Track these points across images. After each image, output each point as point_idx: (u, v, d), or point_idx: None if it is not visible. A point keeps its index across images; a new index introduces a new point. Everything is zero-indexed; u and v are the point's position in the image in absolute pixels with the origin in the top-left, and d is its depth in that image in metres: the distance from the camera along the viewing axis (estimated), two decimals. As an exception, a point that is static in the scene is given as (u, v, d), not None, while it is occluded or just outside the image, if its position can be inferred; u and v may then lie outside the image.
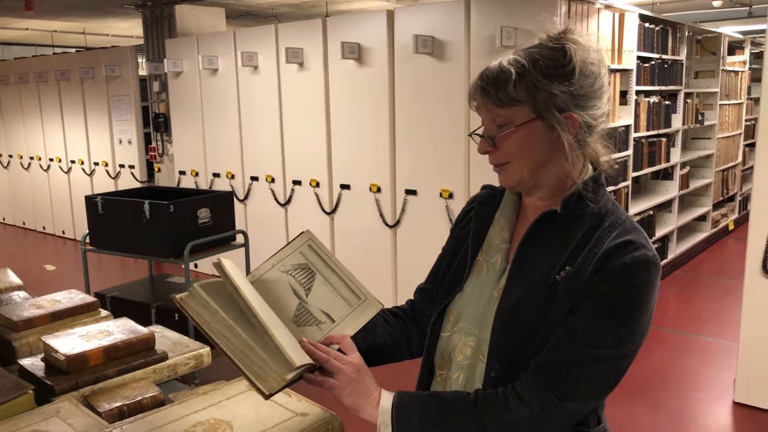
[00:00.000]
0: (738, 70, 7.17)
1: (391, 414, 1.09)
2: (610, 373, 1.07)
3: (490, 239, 1.23)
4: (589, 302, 1.06)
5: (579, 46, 1.09)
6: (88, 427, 1.32)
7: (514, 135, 1.10)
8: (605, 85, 1.13)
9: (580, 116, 1.10)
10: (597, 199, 1.12)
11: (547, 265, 1.10)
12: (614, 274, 1.05)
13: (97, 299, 1.95)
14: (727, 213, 7.38)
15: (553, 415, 1.05)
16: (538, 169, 1.13)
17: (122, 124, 7.06)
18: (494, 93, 1.09)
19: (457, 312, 1.21)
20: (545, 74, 1.08)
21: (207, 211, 3.74)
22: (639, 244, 1.07)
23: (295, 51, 5.00)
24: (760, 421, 3.35)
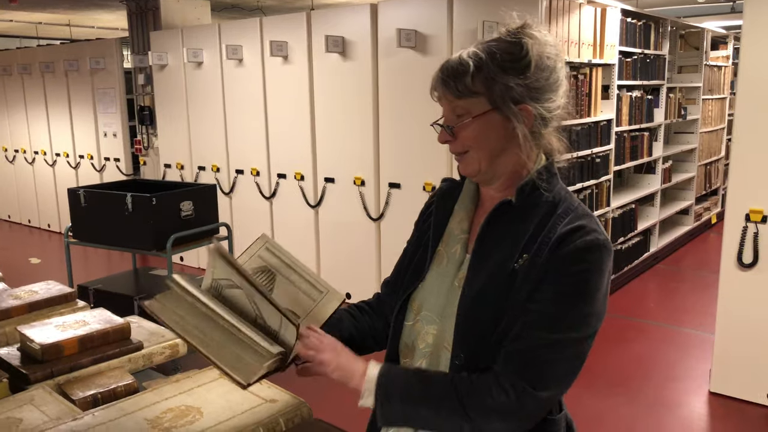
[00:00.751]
0: (721, 65, 7.23)
1: (376, 383, 1.12)
2: (573, 356, 1.10)
3: (450, 230, 1.26)
4: (546, 287, 1.09)
5: (535, 40, 1.12)
6: (61, 414, 1.34)
7: (472, 125, 1.14)
8: (561, 78, 1.16)
9: (535, 108, 1.13)
10: (550, 188, 1.16)
11: (505, 254, 1.14)
12: (567, 258, 1.09)
13: (74, 290, 1.97)
14: (710, 207, 7.46)
15: (527, 403, 1.08)
16: (494, 159, 1.16)
17: (107, 117, 7.03)
18: (453, 84, 1.13)
19: (419, 301, 1.25)
20: (502, 67, 1.11)
21: (190, 204, 3.75)
22: (590, 228, 1.11)
23: (279, 44, 5.01)
24: (734, 410, 3.42)
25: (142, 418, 1.29)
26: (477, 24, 3.94)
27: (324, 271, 5.20)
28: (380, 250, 4.83)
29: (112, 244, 3.76)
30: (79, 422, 1.27)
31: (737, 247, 3.38)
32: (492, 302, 1.13)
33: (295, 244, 5.35)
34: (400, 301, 1.28)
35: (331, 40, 4.63)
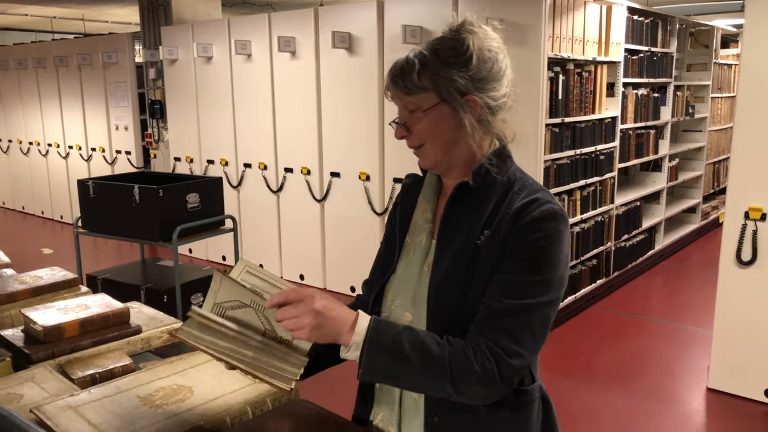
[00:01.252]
0: (731, 63, 7.21)
1: (365, 336, 1.14)
2: (539, 320, 1.16)
3: (415, 221, 1.33)
4: (509, 258, 1.16)
5: (476, 36, 1.20)
6: (60, 391, 1.41)
7: (423, 119, 1.22)
8: (503, 69, 1.23)
9: (480, 98, 1.20)
10: (504, 170, 1.24)
11: (467, 233, 1.21)
12: (525, 228, 1.16)
13: (77, 276, 2.04)
14: (718, 205, 7.44)
15: (503, 369, 1.13)
16: (448, 149, 1.24)
17: (119, 111, 7.13)
18: (402, 83, 1.21)
19: (393, 292, 1.30)
20: (445, 62, 1.19)
21: (196, 196, 3.82)
22: (544, 200, 1.19)
23: (287, 40, 5.07)
24: (731, 406, 3.44)
25: (135, 395, 1.36)
26: (481, 21, 3.96)
27: (329, 264, 5.26)
28: (384, 244, 4.87)
29: (119, 234, 3.84)
30: (75, 398, 1.34)
31: (736, 244, 3.40)
32: (459, 280, 1.19)
33: (301, 238, 5.42)
34: (374, 294, 1.34)
35: (337, 36, 4.69)
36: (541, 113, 3.97)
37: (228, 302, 1.20)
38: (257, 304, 1.20)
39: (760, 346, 3.39)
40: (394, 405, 1.29)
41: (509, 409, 1.21)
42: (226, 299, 1.20)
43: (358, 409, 1.37)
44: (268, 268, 5.31)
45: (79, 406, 1.30)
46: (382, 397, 1.32)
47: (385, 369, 1.15)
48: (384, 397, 1.32)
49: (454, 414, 1.21)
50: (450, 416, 1.21)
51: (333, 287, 5.28)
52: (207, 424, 1.26)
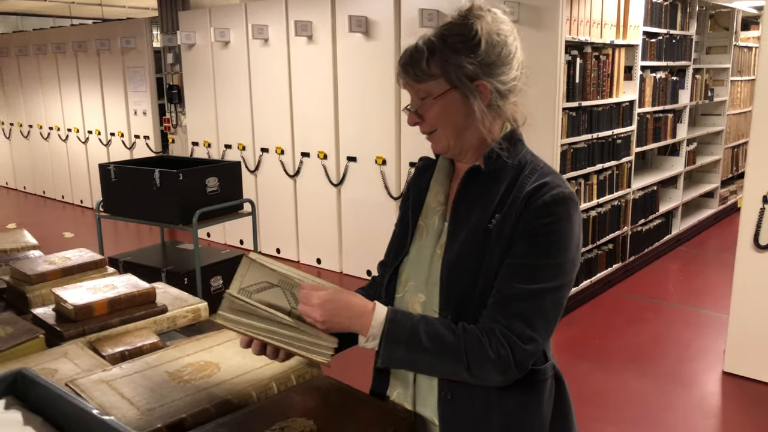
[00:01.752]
0: (752, 45, 7.11)
1: (383, 328, 1.18)
2: (552, 304, 1.18)
3: (428, 204, 1.35)
4: (520, 242, 1.18)
5: (483, 20, 1.20)
6: (92, 366, 1.47)
7: (434, 106, 1.23)
8: (513, 52, 1.24)
9: (490, 83, 1.21)
10: (515, 154, 1.25)
11: (479, 216, 1.23)
12: (536, 212, 1.17)
13: (104, 257, 2.09)
14: (737, 190, 7.38)
15: (517, 354, 1.16)
16: (460, 135, 1.26)
17: (137, 96, 7.20)
18: (412, 71, 1.23)
19: (407, 273, 1.33)
20: (454, 49, 1.20)
21: (215, 180, 3.87)
22: (555, 184, 1.19)
23: (304, 24, 5.08)
24: (746, 389, 3.45)
25: (164, 371, 1.41)
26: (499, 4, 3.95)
27: (345, 248, 5.31)
28: (400, 228, 4.91)
29: (140, 217, 3.91)
30: (107, 373, 1.39)
31: (754, 228, 3.40)
32: (471, 263, 1.21)
33: (317, 222, 5.47)
34: (388, 276, 1.37)
35: (354, 20, 4.69)
36: (558, 97, 3.97)
37: (254, 285, 1.24)
38: (285, 283, 1.23)
39: (777, 330, 3.39)
40: (408, 383, 1.33)
41: (522, 387, 1.23)
42: (252, 282, 1.23)
43: (375, 385, 1.42)
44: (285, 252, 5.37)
45: (111, 381, 1.35)
46: (398, 376, 1.35)
47: (402, 358, 1.19)
48: (400, 377, 1.35)
49: (467, 391, 1.24)
50: (462, 393, 1.24)
51: (349, 271, 5.34)
52: (234, 398, 1.30)
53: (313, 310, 1.18)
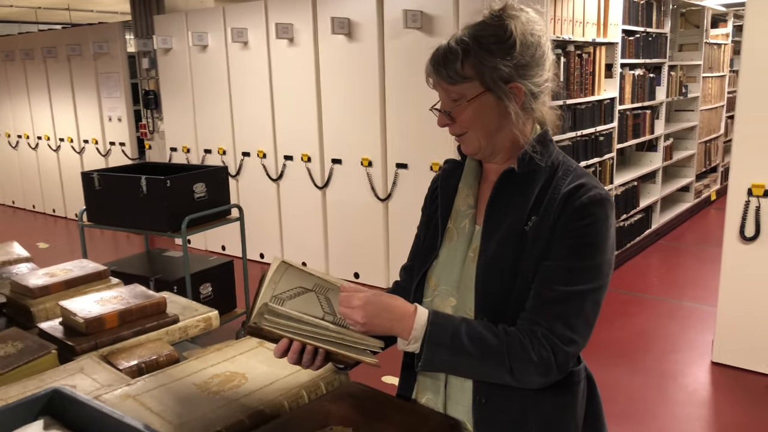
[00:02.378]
0: (721, 42, 7.27)
1: (425, 330, 1.17)
2: (591, 305, 1.18)
3: (457, 207, 1.33)
4: (558, 244, 1.18)
5: (518, 20, 1.19)
6: (111, 381, 1.43)
7: (468, 108, 1.22)
8: (546, 53, 1.23)
9: (524, 85, 1.20)
10: (547, 155, 1.25)
11: (514, 218, 1.22)
12: (574, 214, 1.17)
13: (107, 268, 2.04)
14: (710, 183, 7.55)
15: (559, 357, 1.15)
16: (492, 137, 1.24)
17: (111, 102, 7.06)
18: (445, 72, 1.21)
19: (436, 277, 1.32)
20: (489, 50, 1.18)
21: (203, 185, 3.82)
22: (591, 185, 1.19)
23: (285, 26, 5.04)
24: (736, 378, 3.52)
25: (191, 383, 1.37)
26: (484, 4, 3.97)
27: (332, 251, 5.28)
28: (388, 231, 4.90)
29: (126, 226, 3.83)
30: (132, 387, 1.35)
31: (740, 221, 3.47)
32: (507, 265, 1.20)
33: (302, 225, 5.43)
34: (417, 280, 1.35)
35: (337, 21, 4.67)
36: (544, 96, 4.00)
37: (288, 291, 1.21)
38: (320, 287, 1.21)
39: (764, 320, 3.47)
40: (439, 389, 1.31)
41: (558, 389, 1.23)
42: (286, 288, 1.21)
43: (402, 389, 1.40)
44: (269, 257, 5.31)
45: (138, 395, 1.32)
46: (427, 381, 1.34)
47: (444, 362, 1.18)
48: (429, 382, 1.33)
49: (501, 395, 1.23)
50: (497, 397, 1.23)
51: (336, 274, 5.31)
52: (266, 408, 1.28)
53: (354, 312, 1.16)
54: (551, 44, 1.25)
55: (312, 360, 1.22)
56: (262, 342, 1.56)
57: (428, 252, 1.35)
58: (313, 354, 1.21)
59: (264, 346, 1.55)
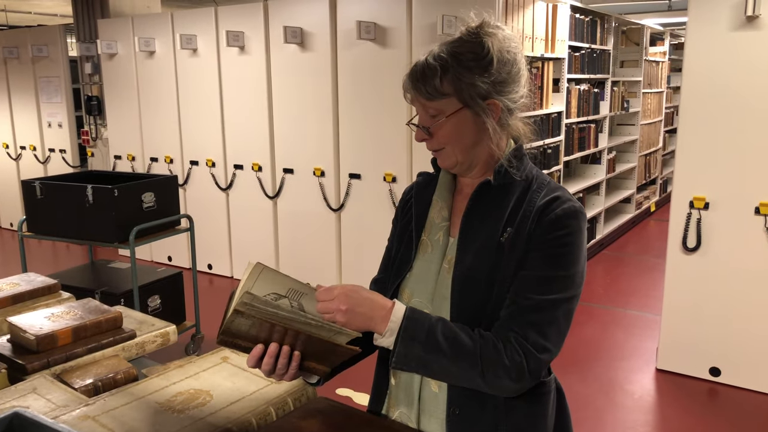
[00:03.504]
0: (659, 60, 7.58)
1: (401, 324, 1.17)
2: (564, 314, 1.20)
3: (431, 219, 1.34)
4: (533, 254, 1.20)
5: (494, 38, 1.21)
6: (68, 402, 1.36)
7: (446, 124, 1.23)
8: (522, 69, 1.26)
9: (501, 101, 1.23)
10: (522, 169, 1.27)
11: (490, 229, 1.24)
12: (550, 225, 1.20)
13: (57, 281, 1.96)
14: (649, 195, 7.83)
15: (531, 364, 1.17)
16: (469, 151, 1.26)
17: (51, 107, 6.81)
18: (423, 88, 1.22)
19: (410, 290, 1.32)
20: (467, 67, 1.20)
21: (151, 195, 3.72)
22: (566, 198, 1.23)
23: (236, 34, 4.98)
24: (679, 385, 3.65)
25: (153, 401, 1.33)
26: (436, 18, 4.03)
27: (283, 262, 5.22)
28: (340, 241, 4.88)
29: (71, 236, 3.68)
30: (91, 407, 1.30)
31: (682, 232, 3.60)
32: (483, 276, 1.22)
33: (252, 236, 5.35)
34: (390, 292, 1.34)
35: (289, 30, 4.64)
36: (495, 109, 4.07)
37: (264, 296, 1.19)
38: (294, 292, 1.19)
39: (705, 327, 3.61)
40: (413, 402, 1.31)
41: (528, 399, 1.25)
42: (260, 293, 1.18)
43: (372, 405, 1.39)
44: (217, 268, 5.22)
45: (97, 416, 1.26)
46: (400, 395, 1.33)
47: (418, 358, 1.17)
48: (402, 395, 1.33)
49: (475, 406, 1.24)
50: (470, 408, 1.24)
51: (287, 284, 5.24)
52: (234, 427, 1.25)
53: (334, 303, 1.15)
54: (526, 61, 1.27)
55: (287, 366, 1.19)
56: (226, 358, 1.52)
57: (402, 265, 1.35)
58: (288, 357, 1.18)
59: (228, 362, 1.51)
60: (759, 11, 3.21)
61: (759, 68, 3.28)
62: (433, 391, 1.28)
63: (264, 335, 1.16)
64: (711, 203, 3.50)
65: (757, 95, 3.30)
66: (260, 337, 1.17)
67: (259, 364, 1.18)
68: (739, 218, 3.43)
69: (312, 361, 1.20)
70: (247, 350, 1.18)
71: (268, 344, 1.18)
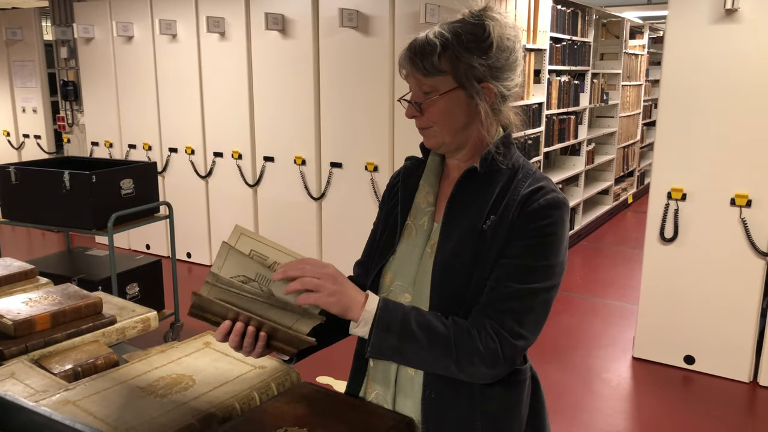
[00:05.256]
0: (638, 53, 7.65)
1: (375, 314, 1.17)
2: (543, 304, 1.21)
3: (417, 204, 1.34)
4: (515, 243, 1.20)
5: (497, 22, 1.22)
6: (47, 387, 1.34)
7: (438, 102, 1.23)
8: (519, 58, 1.26)
9: (495, 87, 1.23)
10: (509, 157, 1.27)
11: (474, 216, 1.24)
12: (532, 214, 1.20)
13: (35, 267, 1.93)
14: (627, 187, 7.92)
15: (506, 350, 1.17)
16: (457, 133, 1.26)
17: (26, 92, 6.68)
18: (421, 63, 1.21)
19: (392, 273, 1.32)
20: (466, 47, 1.19)
21: (130, 182, 3.67)
22: (550, 188, 1.23)
23: (216, 20, 4.92)
24: (655, 372, 3.71)
25: (135, 386, 1.31)
26: (419, 6, 4.02)
27: (263, 250, 5.18)
28: (321, 229, 4.87)
29: (47, 223, 3.63)
30: (72, 392, 1.28)
31: (660, 223, 3.65)
32: (464, 263, 1.22)
33: (232, 224, 5.27)
34: (373, 275, 1.35)
35: (270, 17, 4.60)
36: (477, 99, 4.07)
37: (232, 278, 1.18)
38: (262, 278, 1.18)
39: (681, 317, 3.67)
40: (389, 383, 1.32)
41: (503, 386, 1.26)
42: (229, 275, 1.18)
43: (350, 387, 1.40)
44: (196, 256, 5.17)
45: (78, 401, 1.25)
46: (378, 375, 1.34)
47: (392, 347, 1.18)
48: (379, 376, 1.34)
49: (451, 390, 1.25)
50: (446, 392, 1.25)
51: (267, 273, 5.22)
52: (217, 411, 1.24)
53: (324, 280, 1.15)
54: (523, 52, 1.28)
55: (253, 345, 1.19)
56: (209, 343, 1.51)
57: (386, 248, 1.35)
58: (254, 337, 1.18)
59: (211, 347, 1.50)
60: (737, 4, 3.25)
61: (737, 61, 3.32)
62: (409, 374, 1.29)
63: (231, 314, 1.17)
64: (688, 194, 3.55)
65: (734, 88, 3.34)
66: (228, 315, 1.17)
67: (226, 339, 1.19)
68: (716, 209, 3.48)
69: (278, 341, 1.19)
70: (218, 324, 1.18)
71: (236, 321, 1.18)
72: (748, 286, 3.46)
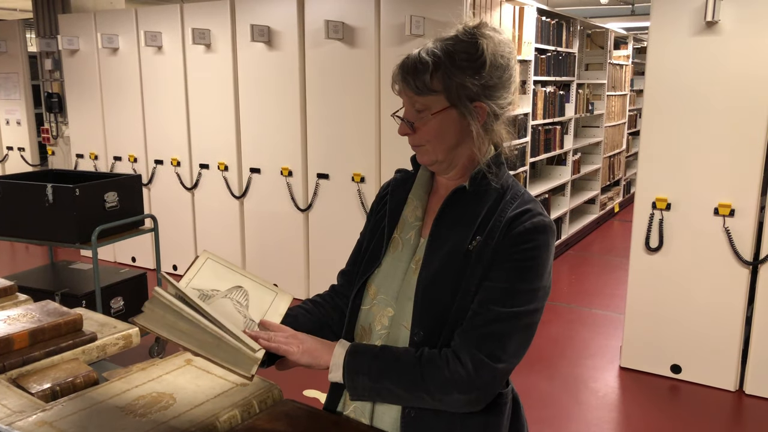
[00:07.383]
0: (622, 63, 7.72)
1: (344, 360, 1.19)
2: (526, 327, 1.20)
3: (405, 218, 1.34)
4: (499, 265, 1.19)
5: (490, 40, 1.20)
6: (24, 407, 1.32)
7: (431, 121, 1.22)
8: (513, 76, 1.25)
9: (488, 106, 1.21)
10: (499, 177, 1.26)
11: (460, 236, 1.23)
12: (517, 238, 1.19)
13: (14, 283, 1.90)
14: (613, 196, 7.96)
15: (484, 374, 1.16)
16: (450, 152, 1.25)
17: (10, 104, 6.64)
18: (413, 82, 1.20)
19: (376, 286, 1.32)
20: (459, 67, 1.18)
21: (114, 194, 3.64)
22: (536, 212, 1.22)
23: (201, 32, 4.91)
24: (642, 382, 3.72)
25: (113, 406, 1.29)
26: (405, 18, 4.03)
27: (249, 262, 5.17)
28: (308, 241, 4.85)
29: (30, 237, 3.59)
30: (48, 413, 1.26)
31: (645, 232, 3.67)
32: (448, 282, 1.21)
33: (218, 236, 5.28)
34: (357, 287, 1.34)
35: (256, 29, 4.60)
36: (463, 110, 4.09)
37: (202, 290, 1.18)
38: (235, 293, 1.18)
39: (667, 326, 3.68)
40: None
41: (484, 409, 1.23)
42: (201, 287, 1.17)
43: (329, 401, 1.38)
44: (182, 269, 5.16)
45: (55, 421, 1.23)
46: None
47: (367, 388, 1.20)
48: None
49: (430, 411, 1.23)
50: (426, 412, 1.23)
51: (254, 285, 5.19)
52: (198, 430, 1.22)
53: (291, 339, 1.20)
54: (518, 68, 1.27)
55: None
56: (190, 361, 1.49)
57: (371, 260, 1.34)
58: None
59: (192, 364, 1.48)
60: (718, 17, 3.28)
61: (718, 72, 3.36)
62: None
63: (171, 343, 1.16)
64: (672, 204, 3.57)
65: (716, 98, 3.38)
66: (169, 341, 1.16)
67: None
68: (699, 219, 3.50)
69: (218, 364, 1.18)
70: None
71: None
72: (733, 294, 3.48)
